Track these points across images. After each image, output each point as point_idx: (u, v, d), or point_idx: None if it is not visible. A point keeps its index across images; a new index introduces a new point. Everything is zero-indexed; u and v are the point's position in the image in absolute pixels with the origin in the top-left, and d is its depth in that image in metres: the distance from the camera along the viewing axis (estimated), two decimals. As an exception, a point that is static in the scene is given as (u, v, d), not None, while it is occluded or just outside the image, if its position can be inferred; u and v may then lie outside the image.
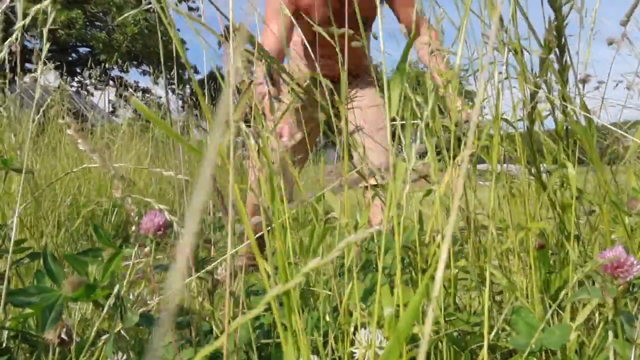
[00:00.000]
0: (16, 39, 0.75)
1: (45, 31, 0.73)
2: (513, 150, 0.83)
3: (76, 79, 13.62)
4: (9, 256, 0.63)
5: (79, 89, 12.30)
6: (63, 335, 0.50)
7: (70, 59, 14.70)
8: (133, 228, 0.51)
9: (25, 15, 0.88)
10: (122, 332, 0.53)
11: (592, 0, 0.88)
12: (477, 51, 0.87)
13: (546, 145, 0.87)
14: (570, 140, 0.83)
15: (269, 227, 0.49)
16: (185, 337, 0.68)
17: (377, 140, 1.83)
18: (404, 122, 0.75)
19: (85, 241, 2.28)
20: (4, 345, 0.64)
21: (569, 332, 0.67)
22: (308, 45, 1.09)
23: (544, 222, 0.84)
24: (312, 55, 1.96)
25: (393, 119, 0.63)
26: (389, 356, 0.19)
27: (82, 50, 15.02)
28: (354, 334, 0.61)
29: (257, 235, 0.47)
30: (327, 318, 0.70)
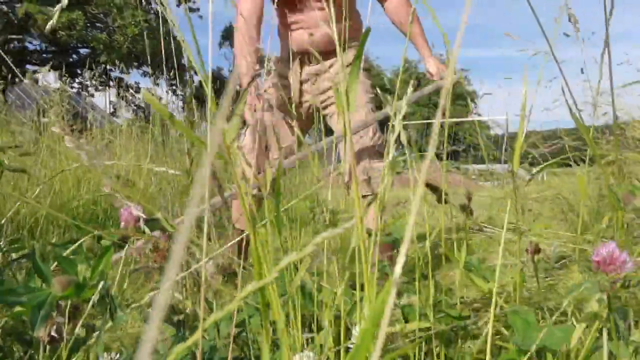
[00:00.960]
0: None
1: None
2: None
3: (77, 80, 13.63)
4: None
5: (80, 90, 12.31)
6: (53, 333, 0.50)
7: (71, 60, 14.72)
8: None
9: (26, 17, 0.88)
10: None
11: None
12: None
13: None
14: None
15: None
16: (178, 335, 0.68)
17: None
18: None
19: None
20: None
21: (571, 332, 0.66)
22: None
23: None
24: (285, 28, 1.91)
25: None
26: (357, 351, 0.18)
27: (83, 51, 15.04)
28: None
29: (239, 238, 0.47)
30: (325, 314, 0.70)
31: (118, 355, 0.67)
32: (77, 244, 0.56)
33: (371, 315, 0.19)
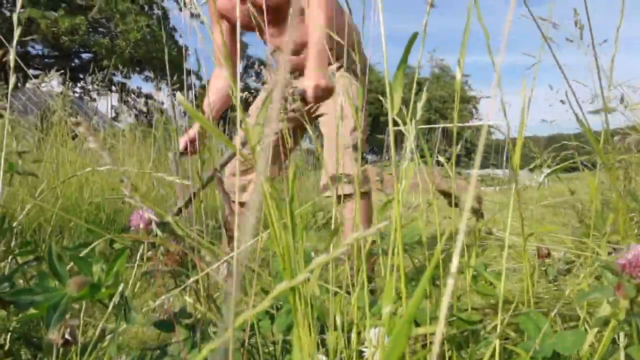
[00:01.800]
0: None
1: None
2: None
3: (79, 85, 13.68)
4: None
5: (82, 94, 12.34)
6: (67, 336, 0.50)
7: (73, 64, 14.76)
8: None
9: (29, 22, 0.88)
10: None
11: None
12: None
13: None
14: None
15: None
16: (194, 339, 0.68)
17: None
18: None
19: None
20: (7, 347, 0.64)
21: (583, 338, 0.66)
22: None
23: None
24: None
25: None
26: (391, 355, 0.18)
27: (85, 56, 15.10)
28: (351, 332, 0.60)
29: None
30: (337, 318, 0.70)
31: (126, 358, 0.67)
32: (90, 247, 0.55)
33: (406, 316, 0.19)
